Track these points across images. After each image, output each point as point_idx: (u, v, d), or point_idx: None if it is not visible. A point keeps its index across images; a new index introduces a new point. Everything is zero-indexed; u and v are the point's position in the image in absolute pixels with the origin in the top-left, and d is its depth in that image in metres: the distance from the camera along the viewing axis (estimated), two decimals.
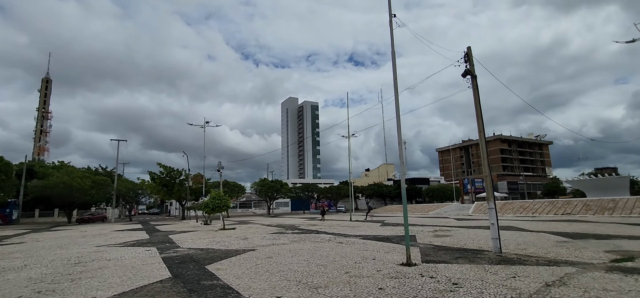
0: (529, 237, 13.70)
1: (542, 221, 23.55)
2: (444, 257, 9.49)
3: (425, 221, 27.44)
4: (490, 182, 10.34)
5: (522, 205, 37.71)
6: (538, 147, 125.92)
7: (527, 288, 5.96)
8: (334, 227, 22.78)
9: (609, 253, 9.34)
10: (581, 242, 11.80)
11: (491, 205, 10.11)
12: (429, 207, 52.40)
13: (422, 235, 16.01)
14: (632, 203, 29.81)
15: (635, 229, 15.99)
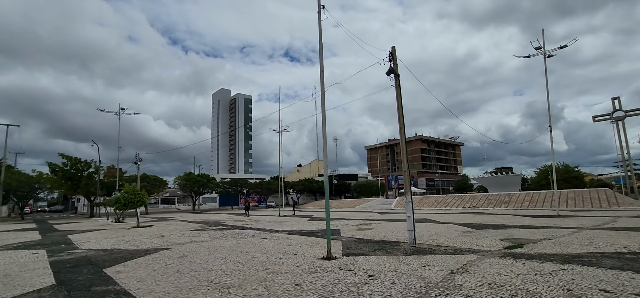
0: (440, 229, 14.88)
1: (452, 214, 26.01)
2: (364, 250, 9.72)
3: (351, 215, 28.38)
4: (408, 178, 10.89)
5: (437, 200, 41.40)
6: (452, 147, 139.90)
7: (435, 276, 6.29)
8: (260, 223, 22.23)
9: (503, 241, 10.51)
10: (482, 232, 13.15)
11: (408, 199, 10.65)
12: (356, 201, 54.61)
13: (347, 228, 16.40)
14: (523, 197, 34.67)
15: (524, 220, 18.46)
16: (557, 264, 6.99)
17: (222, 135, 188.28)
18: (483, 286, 5.55)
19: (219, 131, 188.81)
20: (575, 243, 9.59)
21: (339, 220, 22.18)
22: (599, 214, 20.82)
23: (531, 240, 10.52)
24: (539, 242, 10.09)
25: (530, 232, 12.64)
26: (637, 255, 7.73)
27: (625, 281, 5.56)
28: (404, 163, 11.05)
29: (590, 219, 17.55)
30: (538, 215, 21.26)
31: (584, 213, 22.02)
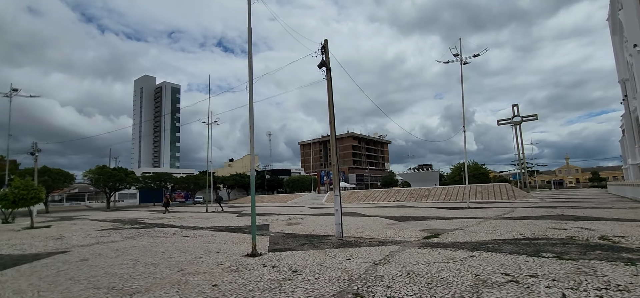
0: (367, 222, 15.40)
1: (379, 207, 27.33)
2: (292, 245, 9.52)
3: (282, 210, 28.10)
4: (337, 172, 10.96)
5: (365, 194, 43.31)
6: (381, 145, 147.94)
7: (359, 268, 6.32)
8: (185, 220, 20.74)
9: (422, 232, 11.19)
10: (404, 224, 13.91)
11: (336, 193, 10.72)
12: (289, 196, 54.54)
13: (276, 223, 16.08)
14: (440, 191, 37.99)
15: (440, 211, 20.11)
16: (467, 251, 7.57)
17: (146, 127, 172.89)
18: (403, 276, 5.71)
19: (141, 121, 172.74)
20: (481, 232, 10.60)
21: (269, 216, 21.73)
22: (501, 206, 23.66)
23: (446, 230, 11.37)
24: (452, 232, 10.94)
25: (445, 223, 13.71)
26: (529, 240, 8.77)
27: (522, 264, 6.19)
28: (333, 158, 11.10)
29: (494, 210, 19.80)
30: (452, 208, 23.39)
31: (489, 205, 24.85)
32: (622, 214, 14.60)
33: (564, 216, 14.61)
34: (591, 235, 9.22)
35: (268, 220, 17.97)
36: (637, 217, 13.41)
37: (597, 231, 9.87)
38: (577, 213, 15.85)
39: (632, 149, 34.25)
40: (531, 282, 5.08)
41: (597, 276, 5.24)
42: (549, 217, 14.36)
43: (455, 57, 22.55)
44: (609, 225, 11.21)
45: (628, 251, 7.02)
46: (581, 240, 8.54)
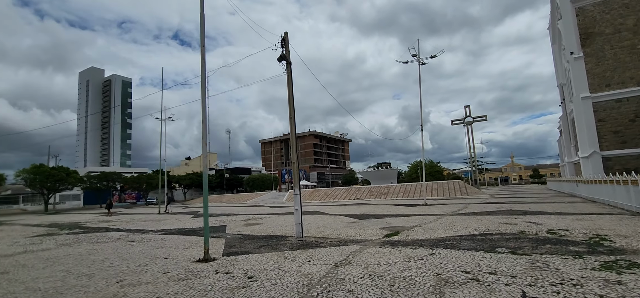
0: (328, 220, 15.18)
1: (339, 205, 27.36)
2: (249, 247, 8.98)
3: (241, 210, 27.17)
4: (297, 170, 10.57)
5: (326, 192, 43.36)
6: (341, 143, 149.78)
7: (319, 271, 5.99)
8: (133, 223, 19.23)
9: (382, 230, 11.14)
10: (365, 222, 13.86)
11: (296, 192, 10.33)
12: (249, 195, 53.20)
13: (234, 224, 15.36)
14: (399, 189, 38.99)
15: (399, 209, 20.47)
16: (427, 249, 7.55)
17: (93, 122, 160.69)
18: (364, 278, 5.47)
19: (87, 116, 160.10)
20: (439, 229, 10.76)
21: (227, 216, 20.83)
22: (455, 202, 24.65)
23: (406, 228, 11.43)
24: (412, 229, 11.01)
25: (404, 220, 13.86)
26: (485, 236, 9.00)
27: (480, 261, 6.22)
28: (293, 155, 10.70)
29: (449, 206, 20.53)
30: (411, 204, 23.97)
31: (444, 202, 25.81)
32: (562, 208, 15.69)
33: (513, 211, 15.40)
34: (539, 229, 9.67)
35: (225, 221, 17.16)
36: (576, 210, 14.47)
37: (544, 225, 10.41)
38: (524, 208, 16.82)
39: (568, 148, 37.49)
40: (491, 279, 5.05)
41: (551, 271, 5.35)
42: (500, 213, 15.06)
43: (414, 57, 23.10)
44: (554, 219, 11.91)
45: (574, 244, 7.37)
46: (531, 234, 8.90)
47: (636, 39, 27.33)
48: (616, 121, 27.98)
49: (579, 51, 28.81)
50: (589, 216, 12.23)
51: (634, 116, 27.40)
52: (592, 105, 28.34)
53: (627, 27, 27.64)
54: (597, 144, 28.14)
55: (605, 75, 28.36)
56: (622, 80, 27.86)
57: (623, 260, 5.77)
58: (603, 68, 28.43)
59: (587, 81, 28.57)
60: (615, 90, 27.99)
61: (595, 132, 28.25)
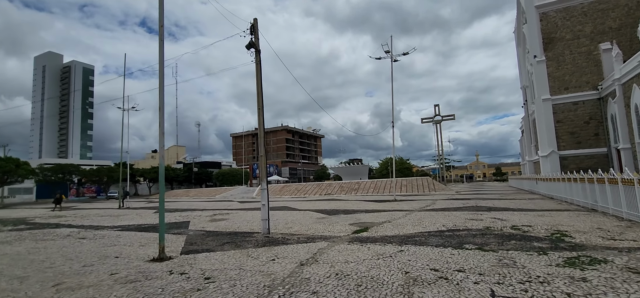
0: (297, 216, 14.83)
1: (310, 201, 27.09)
2: (211, 244, 8.45)
3: (208, 205, 26.22)
4: (264, 163, 10.11)
5: (297, 188, 43.00)
6: (314, 139, 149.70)
7: (283, 271, 5.63)
8: (89, 218, 17.96)
9: (352, 226, 10.95)
10: (334, 217, 13.64)
11: (264, 186, 9.88)
12: (218, 190, 51.75)
13: (199, 220, 14.64)
14: (369, 185, 39.33)
15: (369, 204, 20.48)
16: (396, 246, 7.38)
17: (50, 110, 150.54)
18: (330, 277, 5.17)
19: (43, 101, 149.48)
20: (408, 225, 10.71)
21: (192, 211, 19.95)
22: (424, 198, 25.09)
23: (375, 224, 11.31)
24: (381, 225, 10.89)
25: (374, 216, 13.77)
26: (452, 232, 9.00)
27: (449, 258, 6.10)
28: (260, 148, 10.22)
29: (418, 202, 20.81)
30: (381, 200, 24.12)
31: (413, 198, 26.22)
32: (524, 205, 16.26)
33: (478, 207, 15.76)
34: (504, 225, 9.84)
35: (190, 217, 16.37)
36: (537, 207, 15.02)
37: (508, 221, 10.62)
38: (488, 204, 17.30)
39: (529, 147, 39.40)
40: (460, 277, 4.90)
41: (518, 268, 5.29)
42: (466, 209, 15.36)
43: (387, 53, 23.17)
44: (516, 215, 12.24)
45: (537, 240, 7.47)
46: (497, 230, 9.00)
47: (592, 46, 28.96)
48: (572, 123, 29.58)
49: (541, 55, 30.14)
50: (549, 212, 12.68)
51: (589, 118, 29.08)
52: (551, 107, 29.78)
53: (585, 34, 29.23)
54: (555, 144, 29.64)
55: (565, 79, 29.87)
56: (579, 84, 29.46)
57: (585, 257, 5.84)
58: (563, 72, 29.93)
59: (548, 84, 29.98)
60: (572, 93, 29.56)
61: (554, 133, 29.74)
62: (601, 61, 28.56)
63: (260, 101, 10.37)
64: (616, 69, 24.81)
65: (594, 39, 28.89)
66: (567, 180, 16.28)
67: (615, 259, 5.60)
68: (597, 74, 28.71)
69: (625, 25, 27.95)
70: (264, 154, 10.11)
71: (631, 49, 25.83)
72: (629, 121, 24.16)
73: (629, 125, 24.19)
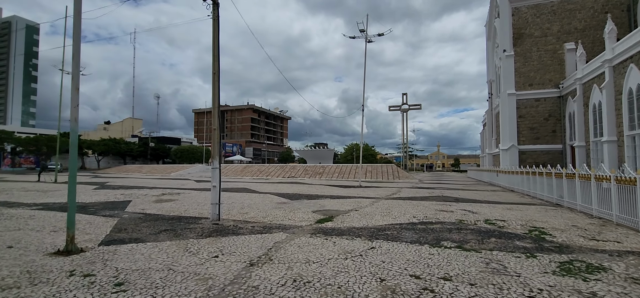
0: (256, 200, 13.50)
1: (272, 183, 25.75)
2: (144, 232, 6.95)
3: (160, 183, 24.05)
4: (217, 138, 8.64)
5: (260, 169, 41.37)
6: (280, 120, 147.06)
7: (225, 274, 4.37)
8: (9, 192, 15.48)
9: (315, 214, 9.84)
10: (296, 203, 12.48)
11: (215, 165, 8.44)
12: (175, 167, 48.71)
13: (142, 200, 12.86)
14: (334, 169, 38.61)
15: (334, 189, 19.56)
16: (365, 240, 6.35)
17: None
18: (286, 285, 3.99)
19: None
20: (377, 214, 9.79)
21: (140, 189, 17.94)
22: (389, 185, 24.65)
23: (340, 212, 10.29)
24: (347, 214, 9.89)
25: (339, 203, 12.78)
26: (425, 225, 8.16)
27: (428, 259, 5.14)
28: (214, 119, 8.71)
29: (384, 189, 20.21)
30: (346, 186, 23.32)
31: (378, 184, 25.75)
32: (489, 197, 16.06)
33: (445, 198, 15.31)
34: (477, 218, 9.19)
35: (134, 195, 14.49)
36: (502, 199, 14.79)
37: (479, 214, 10.02)
38: (454, 194, 16.97)
39: (490, 140, 40.55)
40: (448, 290, 3.91)
41: (511, 276, 4.42)
42: (433, 198, 14.83)
43: (361, 32, 22.00)
44: (485, 207, 11.76)
45: (518, 238, 6.77)
46: (471, 224, 8.28)
47: (558, 45, 29.66)
48: (533, 119, 30.40)
49: (510, 49, 30.48)
50: (516, 206, 12.36)
51: (548, 115, 29.99)
52: (515, 102, 30.39)
53: (552, 33, 29.83)
54: (516, 138, 30.38)
55: (530, 75, 30.48)
56: (543, 82, 30.20)
57: (578, 261, 5.13)
58: (528, 68, 30.50)
59: (514, 79, 30.48)
60: (536, 89, 30.27)
61: (516, 127, 30.43)
62: (565, 60, 29.38)
63: (216, 65, 8.79)
64: (579, 68, 25.50)
65: (560, 38, 29.61)
66: (531, 174, 16.26)
67: (612, 266, 4.92)
68: (560, 73, 29.55)
69: (590, 27, 28.81)
70: (217, 128, 8.62)
71: (593, 51, 26.66)
72: (586, 120, 25.05)
73: (585, 124, 25.10)
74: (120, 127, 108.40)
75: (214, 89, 8.81)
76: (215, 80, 8.77)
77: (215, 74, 8.77)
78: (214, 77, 8.77)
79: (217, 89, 8.76)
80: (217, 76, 8.77)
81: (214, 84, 8.79)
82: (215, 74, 8.76)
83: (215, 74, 8.76)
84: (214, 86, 8.79)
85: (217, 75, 8.80)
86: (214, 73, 8.77)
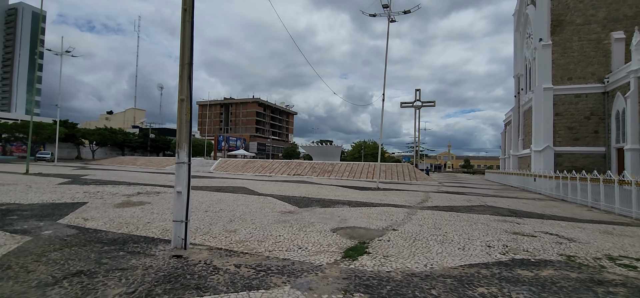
0: (253, 205, 10.29)
1: (276, 181, 22.57)
2: (28, 281, 3.77)
3: (145, 178, 20.97)
4: (184, 117, 5.37)
5: (262, 164, 38.22)
6: (286, 115, 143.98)
7: None
8: None
9: (337, 235, 6.61)
10: (307, 213, 9.25)
11: (182, 157, 5.22)
12: (171, 160, 45.71)
13: (102, 203, 9.73)
14: (344, 167, 35.35)
15: (349, 192, 16.30)
16: None
17: None
18: None
19: None
20: (430, 240, 6.52)
21: (115, 186, 14.87)
22: (408, 188, 21.33)
23: (372, 231, 7.04)
24: (385, 237, 6.63)
25: (364, 214, 9.53)
26: (526, 268, 4.90)
27: None
28: (182, 88, 5.43)
29: (407, 193, 16.94)
30: (361, 187, 20.03)
31: (396, 186, 22.46)
32: (546, 208, 12.71)
33: (496, 209, 12.00)
34: (590, 254, 5.88)
35: (98, 195, 11.38)
36: (568, 213, 11.44)
37: (579, 243, 6.72)
38: (499, 203, 13.65)
39: (516, 141, 36.95)
40: None
41: None
42: (482, 210, 11.51)
43: (384, 8, 18.65)
44: (571, 228, 8.44)
45: None
46: (594, 267, 5.00)
47: (603, 34, 26.04)
48: (572, 117, 26.86)
49: (547, 38, 26.93)
50: (603, 225, 9.02)
51: (590, 113, 26.43)
52: (552, 98, 26.86)
53: (597, 20, 26.20)
54: (552, 138, 26.89)
55: (569, 68, 26.91)
56: (584, 75, 26.62)
57: None
58: (568, 60, 26.92)
59: (551, 72, 26.93)
60: (576, 84, 26.71)
61: (552, 126, 26.93)
62: (611, 51, 25.77)
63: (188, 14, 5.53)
64: (634, 59, 21.90)
65: (606, 26, 25.97)
66: (606, 182, 12.83)
67: None
68: (605, 66, 25.94)
69: None
70: (187, 97, 5.36)
71: None
72: None
73: None
74: (122, 117, 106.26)
75: (182, 41, 5.53)
76: (185, 29, 5.50)
77: (186, 23, 5.50)
78: (183, 25, 5.50)
79: (188, 33, 5.50)
80: (190, 24, 5.51)
81: (183, 31, 5.51)
82: (186, 23, 5.49)
83: (186, 23, 5.49)
84: (183, 33, 5.52)
85: (191, 23, 5.53)
86: (184, 21, 5.50)
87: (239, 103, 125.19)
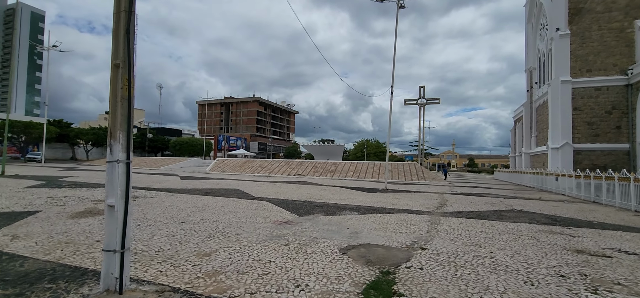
0: (242, 214, 8.56)
1: (274, 182, 20.83)
2: None
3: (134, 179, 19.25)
4: (123, 86, 3.64)
5: (261, 164, 36.49)
6: (287, 114, 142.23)
7: None
8: None
9: (348, 259, 4.86)
10: (308, 224, 7.50)
11: (116, 154, 3.49)
12: (167, 160, 44.06)
13: (65, 209, 8.02)
14: (348, 167, 33.58)
15: (355, 195, 14.55)
16: None
17: None
18: None
19: None
20: (478, 266, 4.76)
21: (91, 190, 13.19)
22: (421, 190, 19.55)
23: (394, 252, 5.29)
24: (414, 263, 4.88)
25: (378, 224, 7.79)
26: None
27: None
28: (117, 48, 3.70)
29: (419, 196, 15.18)
30: (369, 189, 18.26)
31: (405, 187, 20.71)
32: (587, 213, 10.94)
33: (529, 215, 10.23)
34: None
35: (66, 200, 9.70)
36: (610, 219, 9.67)
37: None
38: (529, 207, 11.88)
39: (528, 138, 35.10)
40: None
41: None
42: (513, 216, 9.75)
43: None
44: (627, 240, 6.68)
45: None
46: None
47: (626, 22, 24.19)
48: (592, 111, 25.02)
49: (565, 28, 25.09)
50: None
51: (611, 108, 24.58)
52: (571, 91, 25.04)
53: (619, 7, 24.34)
54: (570, 135, 25.07)
55: (588, 59, 25.06)
56: (605, 67, 24.77)
57: None
58: (587, 50, 25.07)
59: (569, 63, 25.11)
60: (596, 76, 24.86)
61: (570, 122, 25.11)
62: (634, 41, 23.93)
63: None
64: None
65: (629, 14, 24.12)
66: None
67: None
68: (628, 57, 24.10)
69: None
70: (123, 62, 3.63)
71: None
72: None
73: None
74: None
75: None
76: None
77: None
78: None
79: None
80: None
81: None
82: None
83: None
84: None
85: None
86: None
87: (240, 102, 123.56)
